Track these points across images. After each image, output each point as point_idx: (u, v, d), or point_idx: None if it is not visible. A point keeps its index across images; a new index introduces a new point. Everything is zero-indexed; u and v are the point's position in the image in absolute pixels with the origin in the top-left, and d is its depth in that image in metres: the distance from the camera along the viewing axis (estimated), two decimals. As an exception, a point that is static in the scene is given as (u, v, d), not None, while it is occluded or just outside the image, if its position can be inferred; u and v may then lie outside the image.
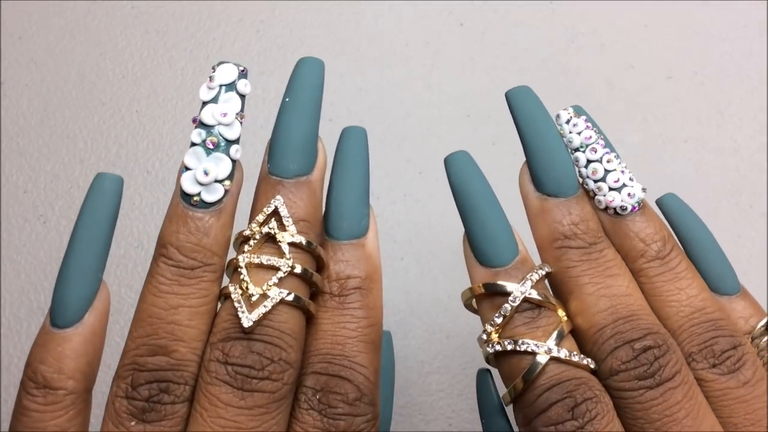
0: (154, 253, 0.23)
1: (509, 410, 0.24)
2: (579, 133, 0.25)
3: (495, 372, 0.25)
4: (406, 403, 0.36)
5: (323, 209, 0.24)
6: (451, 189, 0.24)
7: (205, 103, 0.23)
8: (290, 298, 0.22)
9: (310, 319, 0.23)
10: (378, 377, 0.23)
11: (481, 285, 0.24)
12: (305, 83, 0.24)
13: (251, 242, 0.23)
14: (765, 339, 0.24)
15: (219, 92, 0.23)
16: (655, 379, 0.21)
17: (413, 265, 0.38)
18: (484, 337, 0.23)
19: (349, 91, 0.42)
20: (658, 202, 0.27)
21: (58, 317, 0.22)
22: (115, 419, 0.21)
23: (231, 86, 0.23)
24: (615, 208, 0.24)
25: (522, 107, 0.24)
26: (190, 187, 0.22)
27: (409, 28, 0.44)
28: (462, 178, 0.24)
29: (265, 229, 0.23)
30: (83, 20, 0.45)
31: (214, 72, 0.23)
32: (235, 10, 0.45)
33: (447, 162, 0.24)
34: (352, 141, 0.24)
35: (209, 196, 0.22)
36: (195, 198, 0.22)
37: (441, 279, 0.38)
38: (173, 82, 0.43)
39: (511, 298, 0.23)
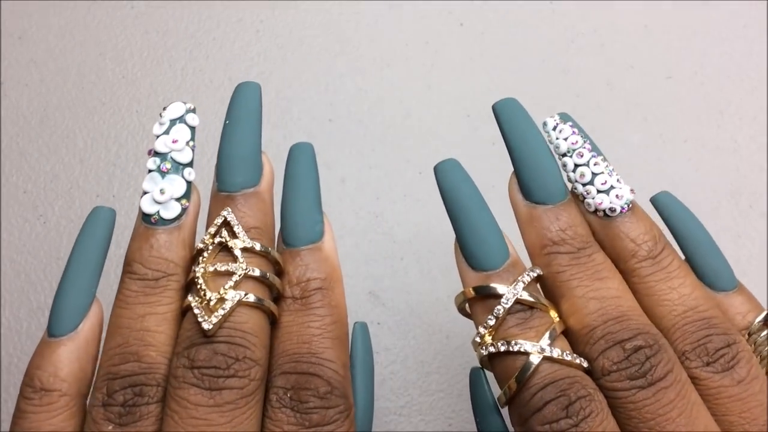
0: (121, 275, 0.24)
1: (504, 412, 0.25)
2: (565, 139, 0.25)
3: (489, 375, 0.25)
4: (406, 403, 0.36)
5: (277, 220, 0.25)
6: (441, 196, 0.25)
7: (158, 137, 0.25)
8: (249, 298, 0.23)
9: (274, 323, 0.24)
10: (347, 371, 0.23)
11: (472, 288, 0.24)
12: (243, 105, 0.25)
13: (205, 254, 0.24)
14: (764, 333, 0.24)
15: (170, 126, 0.25)
16: (647, 378, 0.22)
17: (413, 265, 0.38)
18: (478, 339, 0.24)
19: (349, 91, 0.42)
20: (653, 201, 0.27)
21: (54, 327, 0.23)
22: (92, 426, 0.22)
23: (180, 120, 0.25)
24: (604, 210, 0.25)
25: (509, 119, 0.25)
26: (148, 208, 0.24)
27: (409, 28, 0.44)
28: (451, 185, 0.25)
29: (217, 239, 0.24)
30: (83, 20, 0.45)
31: (164, 111, 0.25)
32: (235, 10, 0.45)
33: (436, 170, 0.25)
34: (300, 153, 0.26)
35: (167, 213, 0.24)
36: (154, 216, 0.24)
37: (441, 279, 0.38)
38: (173, 82, 0.43)
39: (503, 299, 0.23)
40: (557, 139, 0.25)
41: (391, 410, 0.35)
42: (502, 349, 0.23)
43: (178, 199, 0.24)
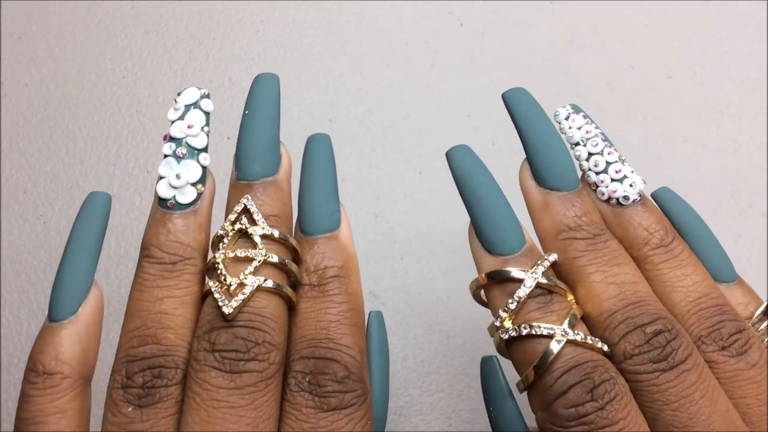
0: (138, 259, 0.24)
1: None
2: (579, 128, 0.26)
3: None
4: (406, 403, 0.36)
5: (294, 209, 0.26)
6: (455, 181, 0.25)
7: (173, 122, 0.25)
8: (268, 284, 0.23)
9: (292, 309, 0.24)
10: (364, 357, 0.24)
11: (490, 273, 0.24)
12: (262, 95, 0.25)
13: (225, 240, 0.24)
14: (764, 324, 0.25)
15: (185, 111, 0.25)
16: (669, 362, 0.22)
17: (413, 265, 0.38)
18: (497, 323, 0.24)
19: (349, 91, 0.42)
20: (654, 196, 0.27)
21: (55, 311, 0.24)
22: (113, 408, 0.22)
23: (195, 105, 0.25)
24: (618, 199, 0.25)
25: (519, 106, 0.25)
26: (165, 192, 0.24)
27: (409, 28, 0.44)
28: (465, 170, 0.25)
29: (237, 226, 0.24)
30: (83, 20, 0.45)
31: (178, 96, 0.25)
32: (235, 10, 0.45)
33: (449, 155, 0.25)
34: (317, 144, 0.26)
35: (183, 198, 0.24)
36: (170, 201, 0.24)
37: (441, 279, 0.38)
38: (173, 82, 0.43)
39: (525, 283, 0.23)
40: (570, 128, 0.26)
41: (391, 410, 0.35)
42: (524, 332, 0.23)
43: (193, 184, 0.25)
